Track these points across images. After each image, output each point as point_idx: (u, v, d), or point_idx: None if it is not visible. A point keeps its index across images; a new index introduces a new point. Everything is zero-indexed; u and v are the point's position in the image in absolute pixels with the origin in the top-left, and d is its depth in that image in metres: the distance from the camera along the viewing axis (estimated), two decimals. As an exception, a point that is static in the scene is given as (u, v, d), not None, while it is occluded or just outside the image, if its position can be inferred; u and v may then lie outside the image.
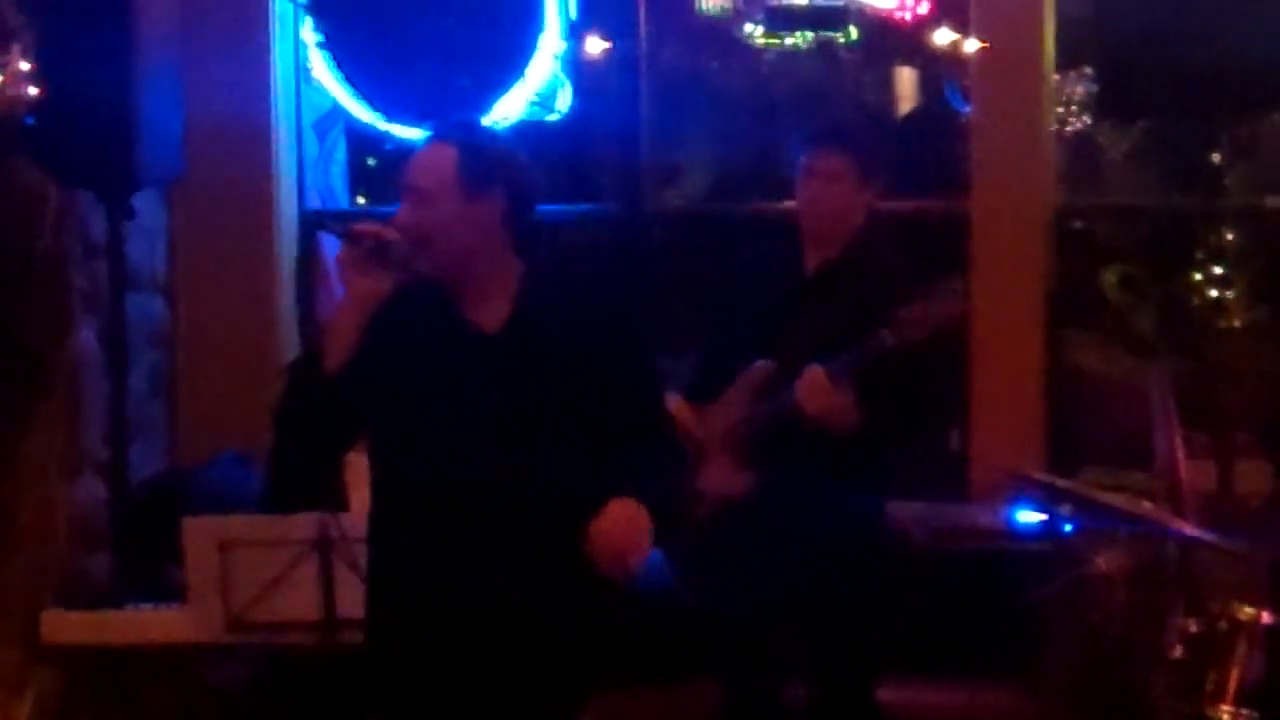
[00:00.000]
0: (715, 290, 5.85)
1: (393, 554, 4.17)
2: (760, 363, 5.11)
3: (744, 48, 7.20)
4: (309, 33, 6.94)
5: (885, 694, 5.35)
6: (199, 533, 5.35)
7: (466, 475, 4.02)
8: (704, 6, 7.09)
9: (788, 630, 5.20)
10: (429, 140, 4.20)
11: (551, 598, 4.08)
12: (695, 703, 5.75)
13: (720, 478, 5.17)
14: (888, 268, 5.21)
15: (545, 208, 7.11)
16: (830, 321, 5.07)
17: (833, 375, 4.93)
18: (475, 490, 4.03)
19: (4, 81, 6.04)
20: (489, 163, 4.09)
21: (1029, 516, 5.64)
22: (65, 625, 5.84)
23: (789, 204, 5.38)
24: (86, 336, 6.42)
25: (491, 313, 4.08)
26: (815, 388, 4.94)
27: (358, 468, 4.44)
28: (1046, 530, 5.57)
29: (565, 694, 4.16)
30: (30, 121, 5.93)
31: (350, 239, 4.07)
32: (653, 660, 5.70)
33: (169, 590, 5.78)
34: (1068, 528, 5.49)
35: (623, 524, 3.96)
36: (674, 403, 5.21)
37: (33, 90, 5.96)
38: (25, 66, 6.00)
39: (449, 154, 4.08)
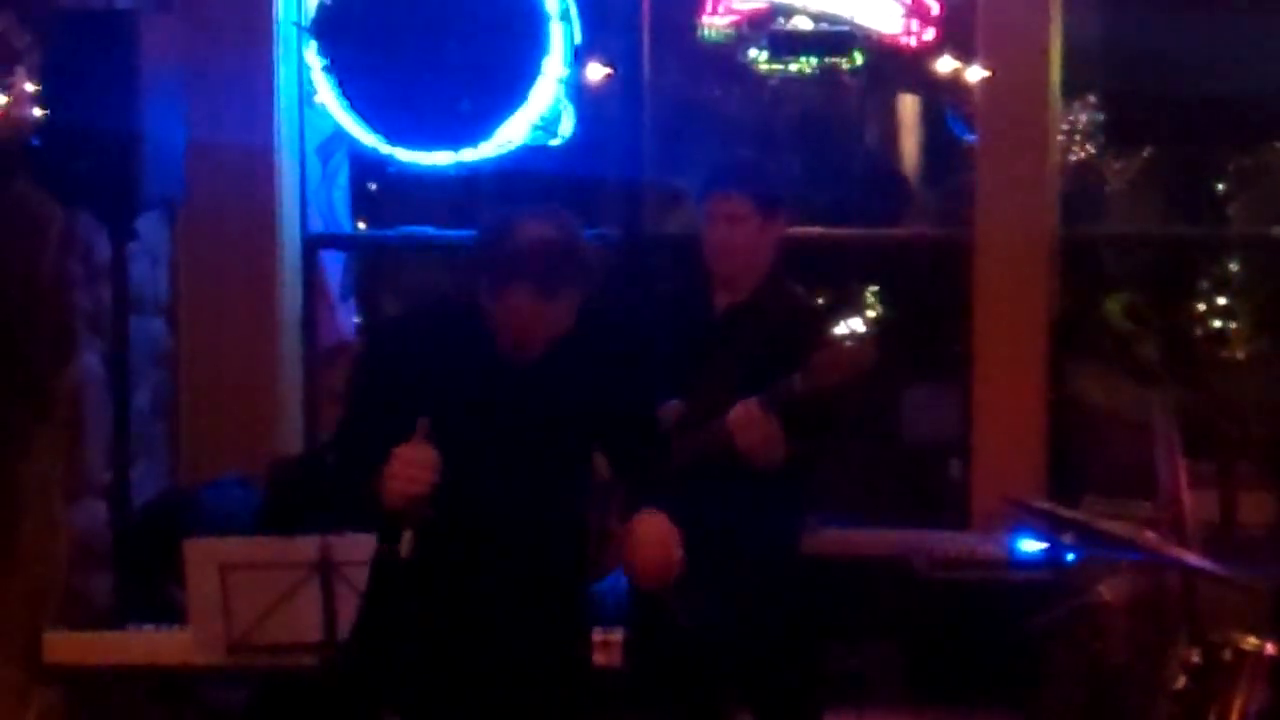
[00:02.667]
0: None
1: (405, 580, 4.15)
2: (672, 402, 5.10)
3: (747, 73, 7.20)
4: (313, 56, 6.94)
5: (886, 721, 5.36)
6: (200, 554, 5.35)
7: (488, 503, 4.05)
8: (707, 32, 7.09)
9: (720, 658, 5.18)
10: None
11: (559, 625, 4.16)
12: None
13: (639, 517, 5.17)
14: (795, 307, 5.21)
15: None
16: (740, 363, 5.07)
17: (765, 407, 4.93)
18: (496, 517, 4.06)
19: (9, 103, 6.05)
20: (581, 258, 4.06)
21: (1031, 545, 5.63)
22: (67, 646, 5.82)
23: (789, 230, 5.37)
24: (89, 358, 6.42)
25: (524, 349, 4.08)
26: (749, 420, 4.93)
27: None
28: (1048, 559, 5.56)
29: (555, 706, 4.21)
30: (35, 143, 5.94)
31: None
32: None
33: (170, 611, 5.77)
34: (1070, 557, 5.48)
35: (657, 539, 4.05)
36: None
37: (37, 112, 5.97)
38: (30, 88, 6.02)
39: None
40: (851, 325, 4.94)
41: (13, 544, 6.25)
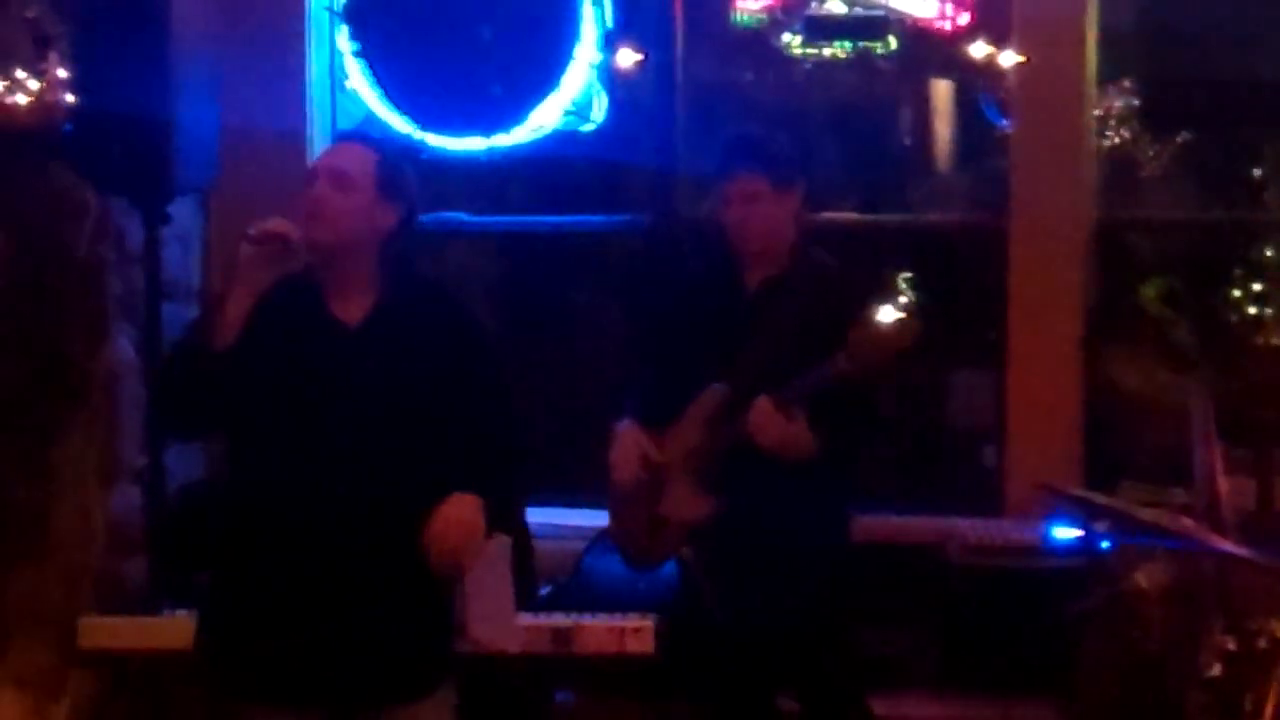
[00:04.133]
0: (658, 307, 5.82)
1: (251, 530, 4.33)
2: (714, 387, 5.10)
3: (780, 58, 7.17)
4: (344, 41, 6.94)
5: (921, 709, 5.34)
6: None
7: (322, 462, 4.25)
8: (740, 17, 7.07)
9: (768, 646, 5.18)
10: (347, 138, 4.60)
11: (397, 588, 4.28)
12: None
13: (683, 503, 5.18)
14: (828, 277, 5.19)
15: (581, 217, 7.27)
16: (779, 340, 5.06)
17: (782, 404, 4.92)
18: (329, 477, 4.24)
19: (42, 89, 6.06)
20: (402, 177, 4.40)
21: (1066, 532, 5.62)
22: (102, 630, 5.83)
23: (825, 215, 5.36)
24: (122, 344, 6.44)
25: (354, 308, 4.33)
26: (766, 420, 4.93)
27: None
28: (1083, 546, 5.55)
29: (410, 670, 4.35)
30: (68, 129, 5.95)
31: (259, 239, 4.26)
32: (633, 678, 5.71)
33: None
34: (1105, 544, 5.48)
35: (454, 522, 4.21)
36: (628, 427, 5.23)
37: (70, 98, 5.98)
38: (63, 74, 6.02)
39: (371, 155, 4.36)
40: (894, 302, 4.87)
41: (47, 529, 6.27)
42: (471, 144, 6.88)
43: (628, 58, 6.90)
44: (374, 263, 4.36)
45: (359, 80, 6.94)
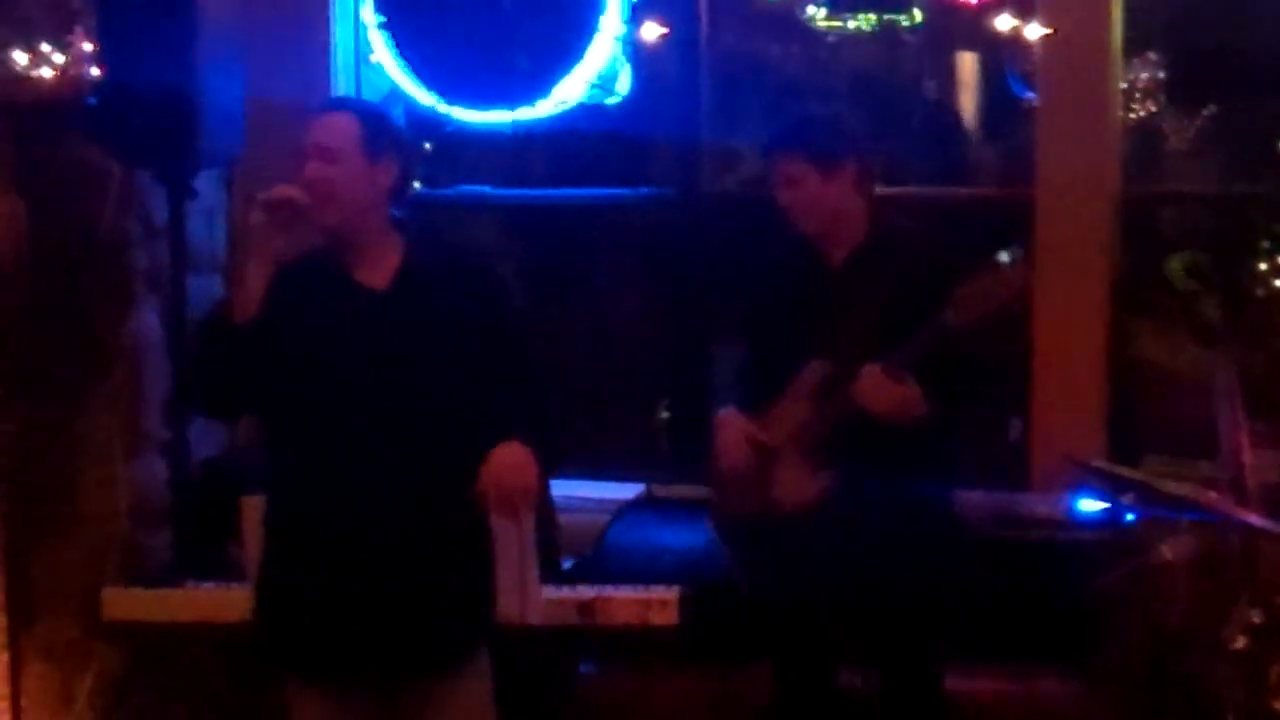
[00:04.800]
0: (741, 291, 5.81)
1: (291, 508, 4.42)
2: (815, 363, 5.09)
3: (805, 30, 7.16)
4: (369, 14, 6.94)
5: (945, 682, 5.34)
6: (258, 511, 5.35)
7: (360, 430, 4.30)
8: (765, -11, 7.07)
9: (856, 619, 5.18)
10: (327, 108, 4.59)
11: (443, 543, 4.37)
12: (748, 688, 5.76)
13: (794, 485, 5.15)
14: (919, 244, 5.18)
15: (605, 190, 7.26)
16: (874, 311, 5.05)
17: (890, 370, 4.91)
18: (368, 444, 4.29)
19: (67, 63, 6.08)
20: (386, 133, 4.45)
21: (1091, 505, 5.60)
22: (126, 602, 5.86)
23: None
24: (147, 316, 6.45)
25: (378, 274, 4.41)
26: (876, 387, 4.92)
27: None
28: (1108, 519, 5.53)
29: (452, 639, 4.43)
30: (93, 102, 5.96)
31: (269, 206, 4.31)
32: (706, 646, 5.71)
33: (228, 568, 5.80)
34: (1130, 517, 5.46)
35: (511, 466, 4.26)
36: (729, 416, 5.22)
37: (95, 71, 5.99)
38: (88, 47, 6.04)
39: (351, 120, 4.42)
40: (995, 256, 4.88)
41: (72, 501, 6.30)
42: (496, 117, 6.87)
43: (652, 31, 6.88)
44: (387, 221, 4.43)
45: (383, 53, 6.93)
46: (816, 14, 7.00)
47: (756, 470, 5.20)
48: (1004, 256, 4.91)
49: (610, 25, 6.75)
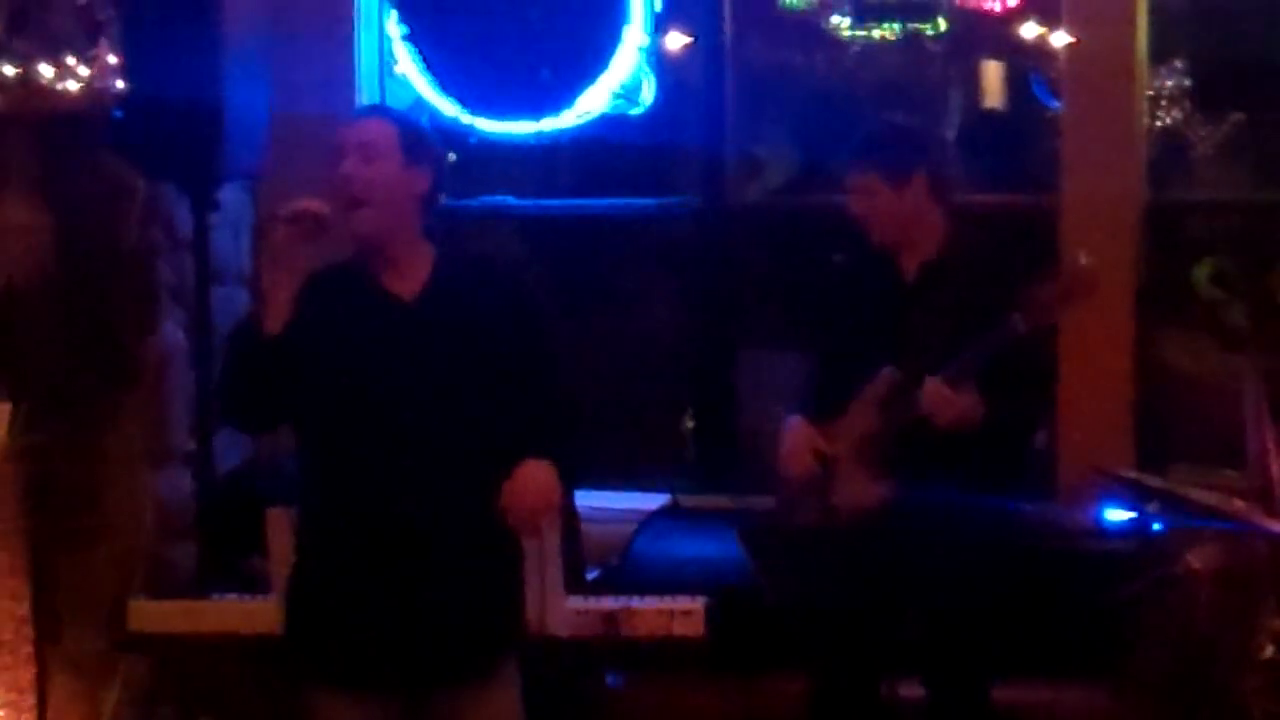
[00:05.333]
0: (808, 298, 5.83)
1: (323, 517, 4.42)
2: (886, 370, 5.11)
3: (829, 40, 7.15)
4: (393, 26, 6.96)
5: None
6: (283, 523, 5.34)
7: (391, 438, 4.30)
8: (789, -1, 7.06)
9: (908, 630, 5.19)
10: (364, 113, 4.73)
11: (474, 551, 4.36)
12: (775, 700, 5.75)
13: (856, 491, 5.16)
14: (985, 256, 5.23)
15: (629, 200, 7.26)
16: (942, 321, 5.07)
17: (952, 380, 4.93)
18: (398, 452, 4.30)
19: (92, 75, 6.09)
20: (423, 140, 4.48)
21: (1117, 515, 5.59)
22: (151, 614, 5.84)
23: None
24: (172, 328, 6.46)
25: (409, 283, 4.40)
26: (940, 399, 4.95)
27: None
28: (1135, 529, 5.52)
29: (482, 648, 4.42)
30: (118, 115, 5.97)
31: (291, 219, 4.32)
32: (732, 657, 5.70)
33: (253, 580, 5.79)
34: (1156, 526, 5.44)
35: (533, 484, 4.29)
36: (796, 425, 5.24)
37: (120, 84, 6.00)
38: (113, 60, 6.05)
39: (390, 125, 4.44)
40: (1059, 261, 4.92)
41: (98, 513, 6.30)
42: (520, 128, 6.88)
43: (676, 40, 6.90)
44: (418, 232, 4.42)
45: (408, 65, 6.95)
46: (841, 23, 6.99)
47: (819, 478, 5.22)
48: (1083, 259, 4.95)
49: (634, 36, 6.75)
